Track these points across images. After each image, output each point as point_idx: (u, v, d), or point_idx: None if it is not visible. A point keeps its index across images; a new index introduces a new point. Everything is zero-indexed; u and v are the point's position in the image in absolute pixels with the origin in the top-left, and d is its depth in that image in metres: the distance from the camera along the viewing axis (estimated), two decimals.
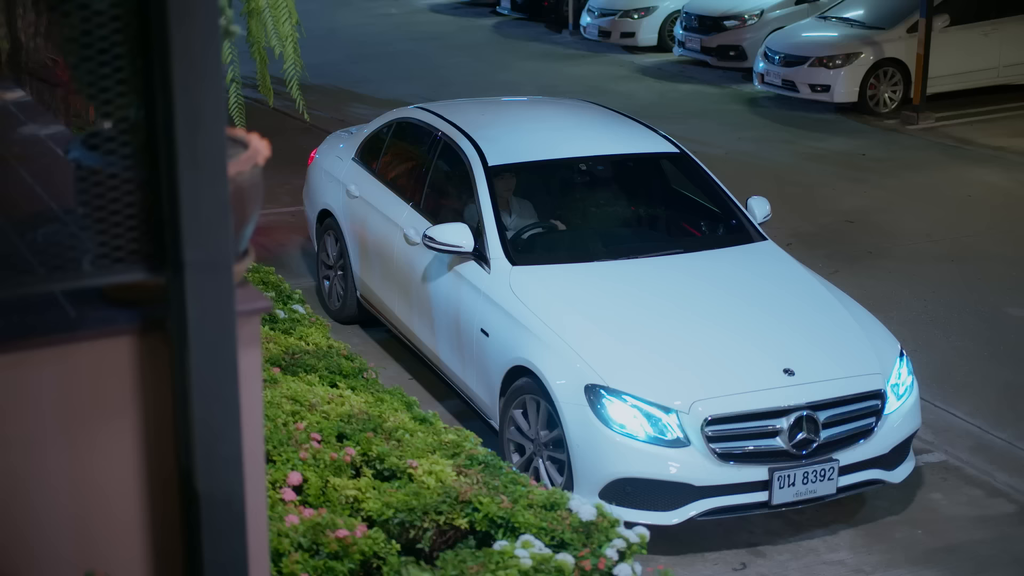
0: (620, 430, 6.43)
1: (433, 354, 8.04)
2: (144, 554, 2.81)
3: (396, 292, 8.47)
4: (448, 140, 8.42)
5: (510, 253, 7.51)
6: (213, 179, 2.57)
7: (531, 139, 8.50)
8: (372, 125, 9.62)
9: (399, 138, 9.24)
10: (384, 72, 20.18)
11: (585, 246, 7.89)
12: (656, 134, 8.78)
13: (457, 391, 7.91)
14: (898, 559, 6.64)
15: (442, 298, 7.80)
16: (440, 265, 7.85)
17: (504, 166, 8.07)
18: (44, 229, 2.88)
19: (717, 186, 8.37)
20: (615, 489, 6.43)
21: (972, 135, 15.71)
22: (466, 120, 8.60)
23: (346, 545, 4.79)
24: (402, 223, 8.37)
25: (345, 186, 9.28)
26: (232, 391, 2.69)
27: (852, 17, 17.69)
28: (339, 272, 9.48)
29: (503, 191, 8.07)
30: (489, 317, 7.29)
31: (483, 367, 7.33)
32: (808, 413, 6.53)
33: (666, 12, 21.72)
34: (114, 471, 2.74)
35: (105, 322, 2.69)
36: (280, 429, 5.62)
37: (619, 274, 7.45)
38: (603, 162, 8.60)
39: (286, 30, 9.09)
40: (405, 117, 9.22)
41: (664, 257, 7.68)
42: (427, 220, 8.15)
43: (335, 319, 9.46)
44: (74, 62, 2.59)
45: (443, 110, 8.98)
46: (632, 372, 6.59)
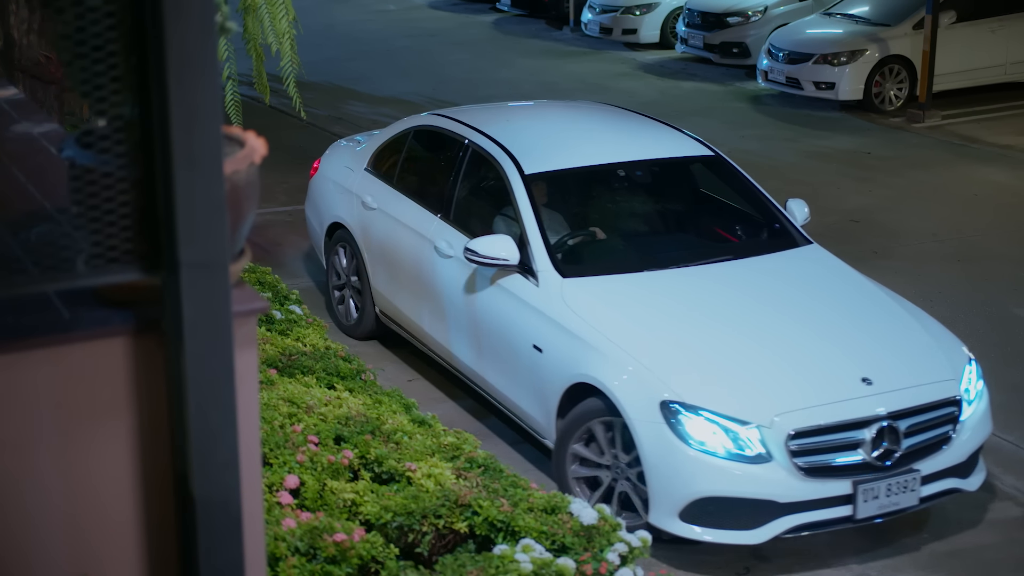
0: (699, 447, 6.23)
1: (470, 370, 7.79)
2: (139, 558, 2.80)
3: (425, 306, 8.22)
4: (477, 148, 8.20)
5: (559, 265, 7.28)
6: (209, 178, 2.55)
7: (564, 145, 8.26)
8: (385, 134, 9.37)
9: (419, 147, 9.04)
10: (382, 69, 20.17)
11: (634, 255, 7.64)
12: (688, 137, 8.56)
13: (498, 407, 7.65)
14: (903, 563, 6.61)
15: (485, 313, 7.54)
16: (481, 279, 7.58)
17: (541, 174, 7.84)
18: (37, 229, 2.87)
19: (756, 189, 8.22)
20: (696, 509, 6.26)
21: (979, 133, 15.69)
22: (492, 127, 8.36)
23: (344, 549, 4.76)
24: (431, 235, 8.14)
25: (360, 198, 9.02)
26: (228, 393, 2.68)
27: (857, 14, 17.67)
28: (353, 286, 9.23)
29: (537, 200, 7.85)
30: (542, 332, 7.05)
31: (536, 384, 7.06)
32: (889, 423, 6.38)
33: (668, 8, 21.71)
34: (109, 474, 2.73)
35: (99, 323, 2.68)
36: (277, 431, 5.59)
37: (673, 283, 7.26)
38: (639, 167, 8.39)
39: (283, 27, 9.04)
40: (424, 125, 8.99)
41: (715, 264, 7.49)
42: (459, 232, 7.94)
43: (349, 335, 9.22)
44: (68, 59, 2.57)
45: (464, 116, 8.75)
46: (708, 386, 6.39)
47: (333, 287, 9.50)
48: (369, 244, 8.87)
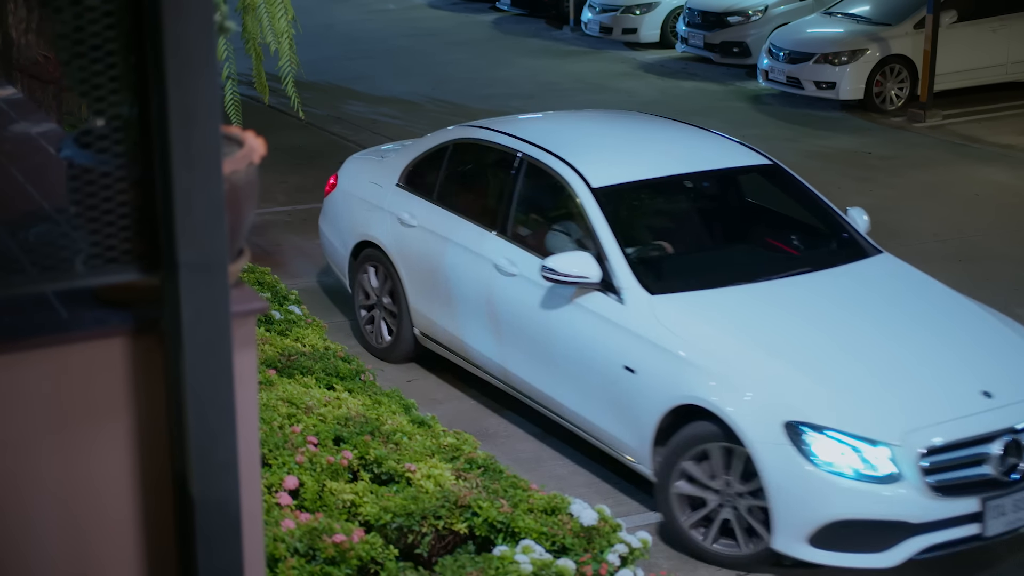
0: (828, 469, 6.02)
1: (538, 392, 7.50)
2: (138, 559, 2.79)
3: (481, 327, 7.90)
4: (534, 162, 7.88)
5: (645, 281, 7.01)
6: (208, 178, 2.54)
7: (625, 157, 7.99)
8: (417, 148, 8.98)
9: (461, 161, 8.70)
10: (381, 69, 20.16)
11: (717, 270, 7.36)
12: (743, 146, 8.34)
13: (576, 432, 7.39)
14: (905, 566, 6.58)
15: (562, 334, 7.24)
16: (556, 298, 7.28)
17: (608, 187, 7.52)
18: (36, 228, 2.86)
19: (817, 198, 8.04)
20: (827, 533, 6.05)
21: (980, 133, 15.68)
22: (546, 139, 8.04)
23: (343, 550, 4.76)
24: (488, 253, 7.84)
25: (395, 215, 8.64)
26: (227, 393, 2.67)
27: (858, 13, 17.66)
28: (387, 308, 8.85)
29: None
30: (634, 353, 6.77)
31: (629, 407, 6.80)
32: (1014, 437, 6.25)
33: (668, 8, 21.70)
34: (107, 475, 2.72)
35: (98, 323, 2.67)
36: (276, 432, 5.59)
37: (764, 298, 7.07)
38: (702, 178, 8.17)
39: (282, 26, 9.02)
40: (465, 138, 8.63)
41: (797, 277, 7.29)
42: (520, 249, 7.67)
43: (381, 358, 8.85)
44: (66, 58, 2.56)
45: (511, 128, 8.42)
46: (834, 405, 6.21)
47: (360, 308, 9.12)
48: (408, 263, 8.51)
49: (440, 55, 21.52)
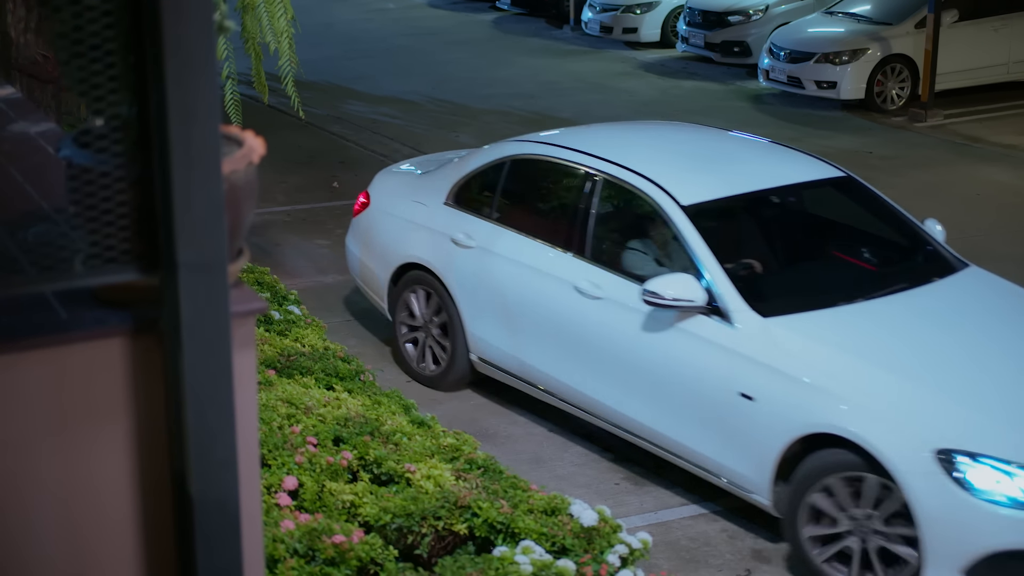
0: (985, 497, 5.75)
1: (632, 420, 7.14)
2: (137, 558, 2.78)
3: (557, 353, 7.54)
4: (611, 179, 7.53)
5: (754, 303, 6.70)
6: (207, 177, 2.53)
7: (706, 173, 7.69)
8: (467, 164, 8.52)
9: (521, 179, 8.32)
10: (381, 68, 20.16)
11: (819, 289, 7.08)
12: (815, 158, 8.11)
13: (673, 460, 7.07)
14: None
15: (661, 360, 6.92)
16: (654, 322, 6.94)
17: (699, 205, 7.21)
18: (34, 228, 2.86)
19: (896, 210, 7.84)
20: (984, 566, 5.79)
21: (981, 132, 15.68)
22: (620, 155, 7.69)
23: (343, 551, 4.75)
24: (565, 275, 7.50)
25: (447, 235, 8.24)
26: (226, 394, 2.66)
27: (859, 12, 17.66)
28: (436, 333, 8.45)
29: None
30: (751, 379, 6.47)
31: (746, 436, 6.51)
32: None
33: (669, 7, 21.70)
34: (106, 475, 2.71)
35: (97, 323, 2.66)
36: (275, 433, 5.58)
37: (872, 317, 6.80)
38: (786, 193, 7.87)
39: (281, 25, 9.00)
40: (525, 154, 8.21)
41: (901, 295, 7.04)
42: (604, 271, 7.33)
43: (430, 385, 8.45)
44: (65, 58, 2.56)
45: (574, 143, 8.04)
46: (984, 430, 5.95)
47: (403, 334, 8.68)
48: (464, 286, 8.12)
49: (440, 54, 21.51)
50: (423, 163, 9.46)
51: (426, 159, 9.80)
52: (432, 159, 9.64)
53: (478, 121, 16.55)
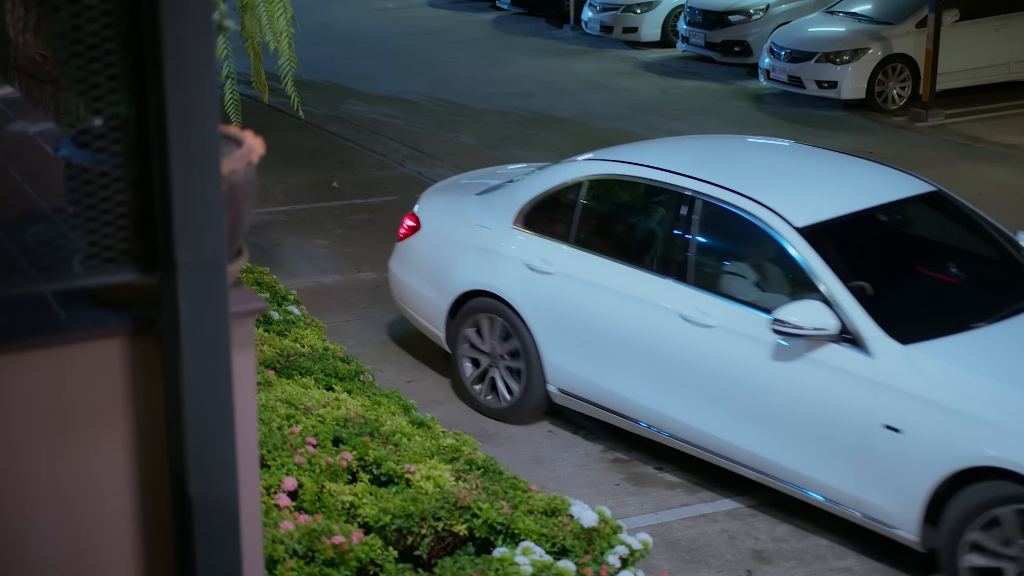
0: None
1: (752, 454, 6.81)
2: (136, 559, 2.78)
3: (660, 383, 7.16)
4: (712, 200, 7.15)
5: (890, 329, 6.39)
6: (206, 177, 2.53)
7: (809, 193, 7.40)
8: (537, 184, 8.06)
9: (603, 200, 7.93)
10: (381, 68, 20.15)
11: (949, 311, 6.83)
12: (906, 174, 7.84)
13: (799, 495, 6.77)
14: (908, 566, 6.57)
15: (789, 391, 6.59)
16: (782, 352, 6.61)
17: (813, 226, 6.88)
18: (33, 228, 2.85)
19: (991, 224, 7.55)
20: None
21: (982, 132, 15.67)
22: (716, 175, 7.33)
23: (342, 552, 4.74)
24: (667, 302, 7.12)
25: (520, 261, 7.80)
26: (226, 394, 2.66)
27: (860, 12, 17.66)
28: (505, 363, 7.98)
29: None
30: (897, 410, 6.16)
31: (892, 470, 6.22)
32: None
33: (669, 7, 21.70)
34: (105, 475, 2.71)
35: (96, 323, 2.66)
36: (275, 433, 5.57)
37: (1009, 339, 6.56)
38: (888, 211, 7.51)
39: (281, 25, 8.98)
40: (605, 175, 7.82)
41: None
42: (714, 297, 6.98)
43: (497, 417, 8.02)
44: (64, 58, 2.55)
45: (657, 161, 7.64)
46: None
47: (465, 365, 8.20)
48: (542, 314, 7.69)
49: (440, 54, 21.50)
50: (470, 182, 9.02)
51: (471, 177, 9.34)
52: (477, 176, 9.28)
53: (478, 121, 16.54)
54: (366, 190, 13.28)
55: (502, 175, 8.87)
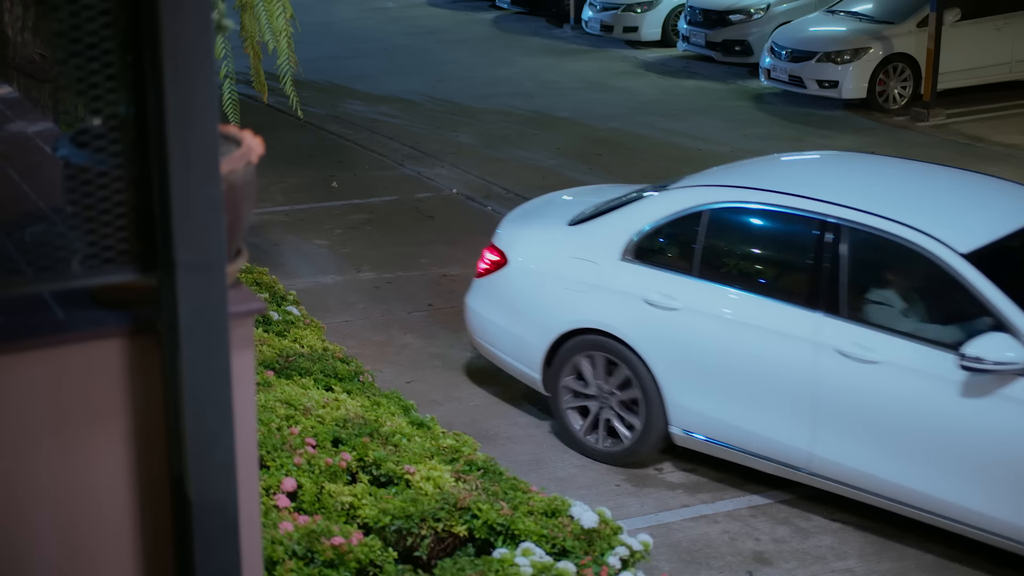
0: None
1: (925, 496, 6.47)
2: (135, 561, 2.77)
3: (816, 424, 6.75)
4: (859, 228, 6.77)
5: None
6: (205, 177, 2.52)
7: (961, 214, 7.09)
8: (646, 213, 7.56)
9: (728, 229, 7.45)
10: (380, 67, 20.16)
11: None
12: (1021, 185, 7.56)
13: (986, 539, 6.43)
14: (909, 567, 6.57)
15: (981, 429, 6.23)
16: (967, 389, 6.25)
17: (977, 252, 6.55)
18: (32, 229, 2.85)
19: None
20: None
21: (984, 132, 15.67)
22: (853, 198, 6.96)
23: (342, 553, 4.74)
24: (819, 337, 6.72)
25: (635, 296, 7.33)
26: (225, 394, 2.65)
27: (861, 11, 17.66)
28: (616, 404, 7.51)
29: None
30: None
31: None
32: None
33: (670, 6, 21.70)
34: (104, 476, 2.70)
35: (94, 324, 2.65)
36: (274, 434, 5.56)
37: None
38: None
39: (280, 24, 8.96)
40: (728, 202, 7.33)
41: None
42: (875, 332, 6.59)
43: (609, 461, 7.54)
44: (63, 57, 2.54)
45: (785, 186, 7.26)
46: None
47: (569, 407, 7.72)
48: (665, 352, 7.23)
49: (439, 53, 21.49)
50: (552, 210, 8.48)
51: (545, 204, 8.82)
52: (551, 203, 8.76)
53: (478, 120, 16.53)
54: (365, 190, 13.27)
55: (582, 202, 8.38)
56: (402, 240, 11.62)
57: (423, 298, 10.20)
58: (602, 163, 14.38)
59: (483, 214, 12.47)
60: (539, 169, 14.11)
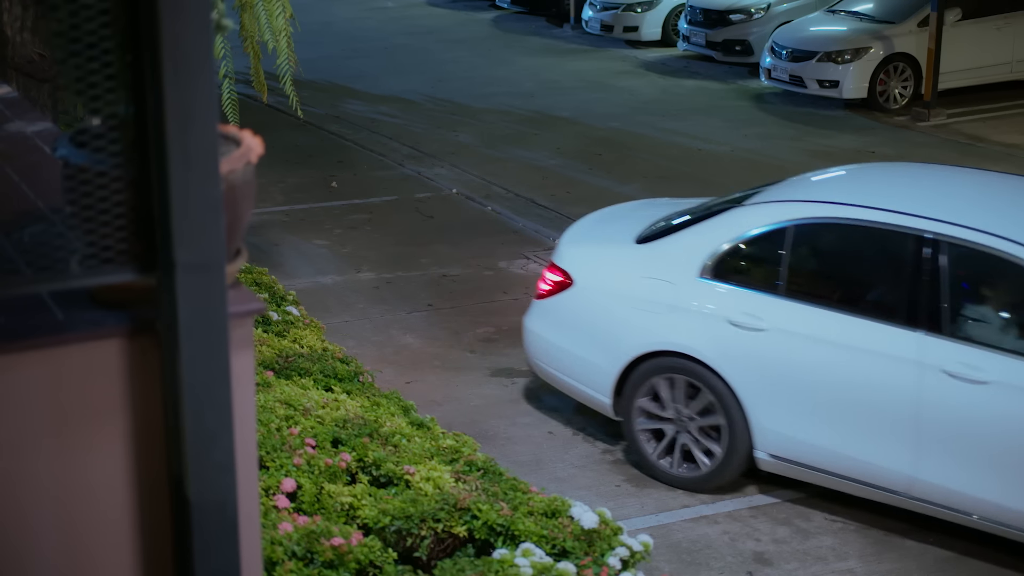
0: None
1: None
2: (134, 562, 2.77)
3: (922, 447, 6.55)
4: (960, 243, 6.59)
5: None
6: (205, 177, 2.52)
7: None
8: (725, 231, 7.30)
9: (816, 245, 7.25)
10: (380, 67, 20.16)
11: None
12: None
13: None
14: (909, 567, 6.57)
15: None
16: None
17: None
18: (31, 229, 2.84)
19: None
20: None
21: (985, 132, 15.67)
22: (948, 212, 6.79)
23: (341, 554, 4.73)
24: (923, 357, 6.52)
25: (719, 316, 7.09)
26: (224, 395, 2.65)
27: (861, 11, 17.66)
28: (697, 423, 7.26)
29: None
30: None
31: None
32: None
33: (670, 6, 21.70)
34: (103, 477, 2.70)
35: (94, 324, 2.65)
36: (273, 434, 5.55)
37: None
38: None
39: (280, 24, 8.96)
40: (815, 218, 7.08)
41: None
42: (979, 350, 6.42)
43: (683, 486, 7.30)
44: (62, 57, 2.53)
45: (875, 200, 7.03)
46: None
47: (642, 431, 7.45)
48: (751, 374, 7.00)
49: (439, 53, 21.49)
50: (617, 228, 8.16)
51: (606, 220, 8.52)
52: (613, 219, 8.49)
53: (477, 120, 16.53)
54: (365, 190, 13.26)
55: (643, 217, 8.14)
56: (402, 240, 11.61)
57: (423, 298, 10.20)
58: (602, 163, 14.38)
59: (483, 214, 12.47)
60: (539, 169, 14.10)
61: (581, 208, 12.46)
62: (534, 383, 8.60)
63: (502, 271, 10.87)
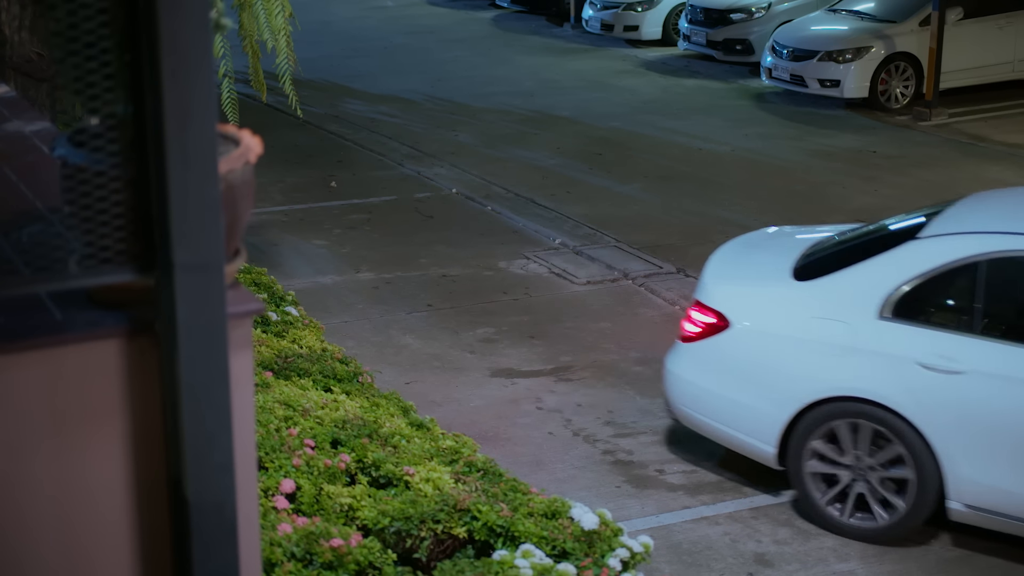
0: None
1: None
2: (132, 563, 2.76)
3: None
4: None
5: None
6: (204, 177, 2.51)
7: None
8: (903, 268, 6.87)
9: (1013, 281, 6.81)
10: (379, 66, 20.16)
11: None
12: None
13: None
14: (911, 568, 6.57)
15: None
16: None
17: None
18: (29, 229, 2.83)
19: None
20: None
21: (986, 132, 15.67)
22: None
23: (341, 555, 4.72)
24: None
25: (908, 358, 6.63)
26: (223, 395, 2.64)
27: (863, 10, 17.66)
28: (879, 474, 6.82)
29: None
30: None
31: None
32: None
33: (671, 5, 21.72)
34: (102, 478, 2.70)
35: (92, 325, 2.64)
36: (272, 435, 5.54)
37: None
38: None
39: (279, 23, 8.95)
40: (1009, 251, 6.67)
41: None
42: None
43: (866, 539, 6.85)
44: (60, 56, 2.53)
45: None
46: None
47: (813, 471, 7.00)
48: (946, 419, 6.57)
49: (439, 52, 21.50)
50: (765, 263, 7.74)
51: (747, 252, 8.06)
52: (757, 252, 8.03)
53: (477, 120, 16.53)
54: (364, 190, 13.26)
55: (786, 247, 7.78)
56: (401, 240, 11.61)
57: (422, 298, 10.19)
58: (602, 162, 14.38)
59: (483, 214, 12.47)
60: (539, 169, 14.10)
61: (581, 208, 12.49)
62: (534, 383, 8.59)
63: (502, 271, 10.87)
